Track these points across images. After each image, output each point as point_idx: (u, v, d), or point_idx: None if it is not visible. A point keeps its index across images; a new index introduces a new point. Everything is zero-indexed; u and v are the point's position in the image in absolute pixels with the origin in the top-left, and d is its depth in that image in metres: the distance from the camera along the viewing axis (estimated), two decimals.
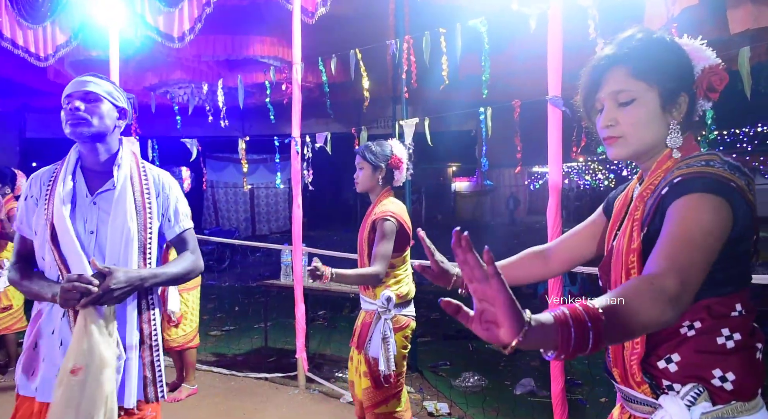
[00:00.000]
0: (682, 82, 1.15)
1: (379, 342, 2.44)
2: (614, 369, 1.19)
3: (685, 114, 1.17)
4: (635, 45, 1.16)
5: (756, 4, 3.79)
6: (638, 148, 1.18)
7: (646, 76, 1.14)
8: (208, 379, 4.42)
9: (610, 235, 1.28)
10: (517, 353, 0.92)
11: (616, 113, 1.17)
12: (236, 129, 10.97)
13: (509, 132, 3.23)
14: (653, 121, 1.15)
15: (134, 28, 4.77)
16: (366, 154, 2.59)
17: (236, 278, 9.40)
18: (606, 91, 1.18)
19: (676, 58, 1.16)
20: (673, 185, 1.07)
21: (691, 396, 1.06)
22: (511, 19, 3.15)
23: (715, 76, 1.14)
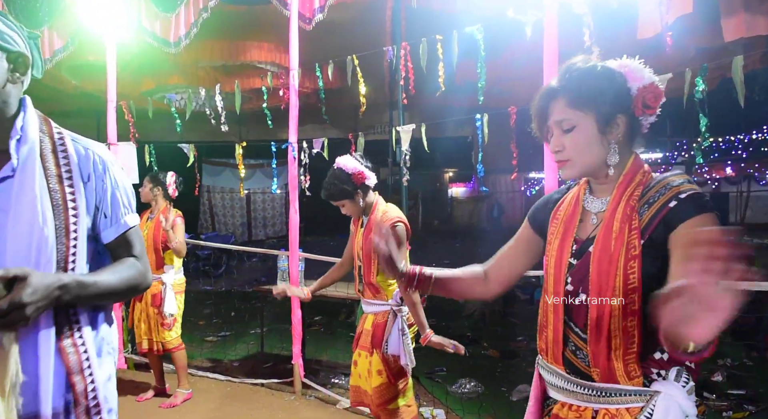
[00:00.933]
0: (617, 105, 1.26)
1: (399, 338, 2.54)
2: (594, 370, 1.24)
3: (626, 132, 1.28)
4: (571, 77, 1.29)
5: (749, 12, 3.82)
6: (584, 169, 1.31)
7: (582, 105, 1.26)
8: (204, 385, 4.41)
9: (566, 243, 1.34)
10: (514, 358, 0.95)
11: (561, 139, 1.30)
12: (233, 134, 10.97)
13: (505, 138, 3.25)
14: (593, 144, 1.27)
15: (131, 34, 4.78)
16: (334, 194, 2.60)
17: (232, 283, 9.38)
18: (552, 119, 1.31)
19: (608, 83, 1.26)
20: (681, 200, 1.17)
21: (684, 379, 1.19)
22: (507, 27, 3.17)
23: (648, 93, 1.25)
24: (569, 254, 1.32)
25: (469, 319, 6.49)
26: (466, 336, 5.73)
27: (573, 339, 1.29)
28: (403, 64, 3.60)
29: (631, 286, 1.18)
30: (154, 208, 4.07)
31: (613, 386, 1.22)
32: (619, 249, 1.20)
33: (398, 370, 2.59)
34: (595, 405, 1.25)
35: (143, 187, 4.08)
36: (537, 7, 2.89)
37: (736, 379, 4.34)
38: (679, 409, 1.16)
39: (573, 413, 1.29)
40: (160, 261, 3.98)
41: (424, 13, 5.07)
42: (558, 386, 1.33)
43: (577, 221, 1.35)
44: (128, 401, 4.05)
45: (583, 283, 1.27)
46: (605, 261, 1.22)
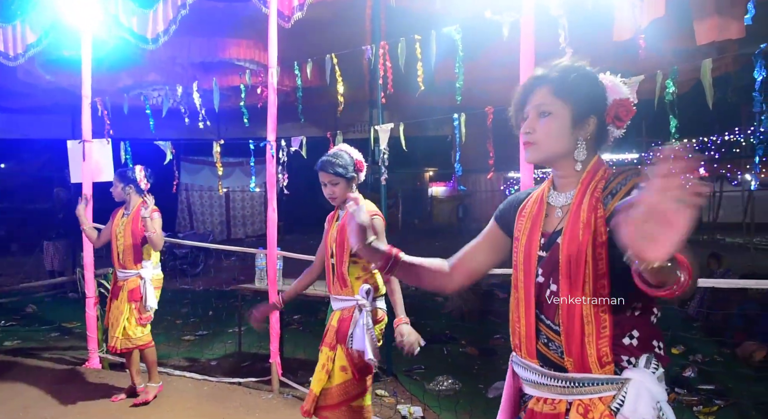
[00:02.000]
0: (593, 107, 1.35)
1: (363, 334, 2.49)
2: (568, 359, 1.27)
3: (593, 134, 1.36)
4: (561, 68, 1.36)
5: (721, 16, 3.91)
6: (547, 155, 1.37)
7: (563, 95, 1.33)
8: (181, 384, 4.37)
9: (533, 238, 1.39)
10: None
11: (534, 123, 1.36)
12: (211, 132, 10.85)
13: (485, 138, 3.28)
14: (563, 134, 1.34)
15: (108, 29, 4.71)
16: (337, 170, 2.60)
17: (210, 282, 9.30)
18: (531, 104, 1.38)
19: (591, 85, 1.36)
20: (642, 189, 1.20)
21: (654, 365, 1.24)
22: (486, 28, 3.19)
23: (622, 107, 1.34)
24: (537, 247, 1.37)
25: (448, 317, 6.53)
26: (445, 333, 5.77)
27: (545, 331, 1.33)
28: (382, 64, 3.61)
29: (601, 272, 1.23)
30: (128, 204, 4.03)
31: (586, 375, 1.25)
32: (587, 238, 1.25)
33: (363, 366, 2.55)
34: (569, 397, 1.28)
35: (114, 187, 4.04)
36: (514, 9, 2.92)
37: (706, 375, 4.44)
38: (649, 395, 1.20)
39: (548, 406, 1.32)
40: (139, 256, 3.94)
41: (403, 13, 5.09)
42: (532, 381, 1.35)
43: (542, 216, 1.40)
44: (103, 400, 4.00)
45: (553, 274, 1.31)
46: (574, 250, 1.27)
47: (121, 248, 3.97)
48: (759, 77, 2.31)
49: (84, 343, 4.94)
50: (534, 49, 2.86)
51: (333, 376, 2.58)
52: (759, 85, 2.31)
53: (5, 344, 5.62)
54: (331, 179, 2.62)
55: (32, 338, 5.87)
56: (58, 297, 8.03)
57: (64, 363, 4.89)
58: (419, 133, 11.42)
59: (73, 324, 6.28)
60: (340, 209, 2.74)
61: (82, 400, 4.00)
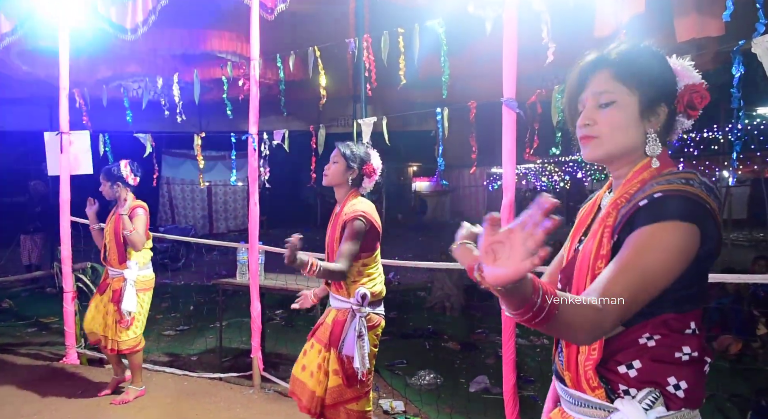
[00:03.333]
0: (663, 93, 1.18)
1: (354, 340, 2.45)
2: (566, 373, 1.21)
3: (663, 125, 1.19)
4: (622, 50, 1.19)
5: (701, 13, 3.95)
6: (612, 151, 1.19)
7: (629, 81, 1.16)
8: (161, 380, 4.33)
9: (574, 240, 1.30)
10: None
11: (595, 114, 1.19)
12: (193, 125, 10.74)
13: (468, 133, 3.28)
14: (630, 125, 1.17)
15: (86, 19, 4.62)
16: (345, 150, 2.59)
17: (192, 277, 9.20)
18: (589, 91, 1.20)
19: (660, 68, 1.19)
20: (653, 200, 1.08)
21: (648, 401, 1.10)
22: (469, 22, 3.19)
23: (696, 93, 1.17)
24: (571, 252, 1.29)
25: (430, 312, 6.55)
26: (427, 328, 5.78)
27: (562, 341, 1.27)
28: (366, 57, 3.59)
29: None
30: (119, 202, 3.91)
31: (581, 395, 1.18)
32: (591, 248, 1.16)
33: (352, 373, 2.49)
34: (573, 414, 1.22)
35: (102, 186, 3.92)
36: (497, 4, 2.92)
37: None
38: None
39: (561, 417, 1.27)
40: (123, 255, 3.83)
41: (388, 7, 5.07)
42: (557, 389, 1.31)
43: (590, 219, 1.29)
44: (82, 397, 3.94)
45: (569, 282, 1.23)
46: (584, 260, 1.17)
47: (109, 246, 3.89)
48: (737, 74, 2.34)
49: (62, 339, 4.86)
50: (517, 44, 2.86)
51: (329, 377, 2.54)
52: (737, 82, 2.33)
53: None
54: (335, 155, 2.62)
55: (8, 334, 5.76)
56: (35, 292, 7.90)
57: (41, 359, 4.81)
58: (403, 128, 11.43)
59: (51, 320, 6.18)
60: (339, 205, 2.67)
61: (60, 396, 3.93)
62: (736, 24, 2.61)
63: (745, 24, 2.84)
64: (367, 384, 2.55)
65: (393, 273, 8.67)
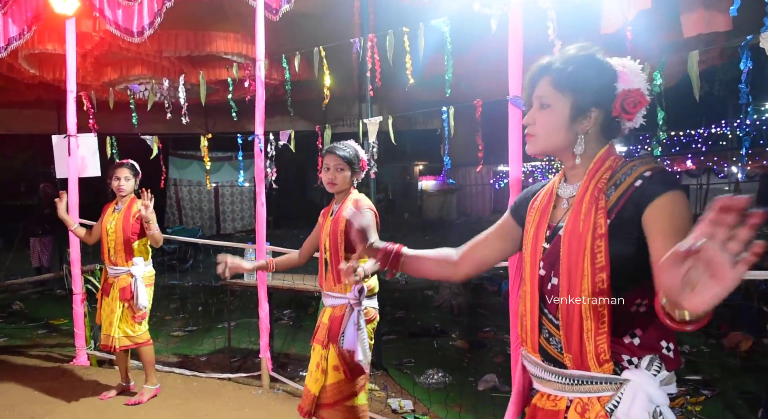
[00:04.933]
0: (596, 99, 1.29)
1: (354, 333, 2.47)
2: (566, 355, 1.24)
3: (596, 127, 1.31)
4: (564, 59, 1.31)
5: (708, 9, 3.92)
6: (545, 148, 1.35)
7: (562, 88, 1.29)
8: (170, 381, 4.35)
9: (540, 230, 1.37)
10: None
11: (536, 115, 1.35)
12: (199, 126, 10.79)
13: (474, 131, 3.27)
14: (560, 128, 1.31)
15: (92, 21, 4.65)
16: (344, 154, 2.63)
17: (199, 278, 9.24)
18: (534, 94, 1.36)
19: (596, 76, 1.29)
20: (647, 177, 1.20)
21: (656, 367, 1.18)
22: (475, 21, 3.18)
23: (629, 98, 1.27)
24: (543, 239, 1.35)
25: (438, 310, 6.55)
26: (435, 327, 5.78)
27: (547, 325, 1.31)
28: (370, 56, 3.59)
29: (599, 266, 1.19)
30: (119, 199, 3.95)
31: (585, 373, 1.22)
32: (587, 230, 1.22)
33: (355, 366, 2.51)
34: (569, 394, 1.26)
35: (126, 180, 3.89)
36: (502, 2, 2.91)
37: (693, 365, 4.49)
38: (646, 398, 1.15)
39: (550, 402, 1.30)
40: (130, 253, 3.85)
41: (392, 6, 5.06)
42: (536, 375, 1.34)
43: (550, 208, 1.38)
44: (92, 398, 3.97)
45: (554, 267, 1.29)
46: (574, 243, 1.24)
47: (111, 244, 3.89)
48: (745, 69, 2.32)
49: (71, 340, 4.89)
50: (522, 42, 2.85)
51: (327, 375, 2.56)
52: (745, 77, 2.32)
53: None
54: (337, 163, 2.63)
55: (19, 335, 5.81)
56: (45, 294, 7.96)
57: (51, 361, 4.85)
58: (409, 127, 11.41)
59: (61, 321, 6.23)
60: (336, 203, 2.72)
61: (70, 398, 3.96)
62: (743, 19, 2.59)
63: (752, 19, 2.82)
64: (365, 376, 2.60)
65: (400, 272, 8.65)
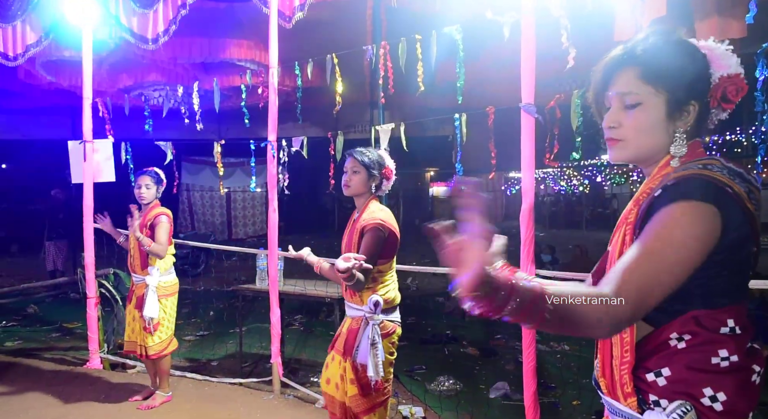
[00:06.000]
0: (694, 90, 1.11)
1: (368, 348, 2.39)
2: (601, 380, 1.17)
3: (694, 122, 1.13)
4: (649, 46, 1.13)
5: (723, 16, 3.90)
6: (637, 154, 1.16)
7: (656, 81, 1.11)
8: (182, 385, 4.37)
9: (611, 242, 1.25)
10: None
11: (620, 115, 1.15)
12: (212, 132, 10.87)
13: (486, 138, 3.27)
14: (656, 127, 1.12)
15: (108, 29, 4.71)
16: (362, 157, 2.56)
17: (211, 283, 9.29)
18: (614, 90, 1.16)
19: (691, 63, 1.11)
20: (666, 187, 1.04)
21: (677, 414, 1.00)
22: (487, 28, 3.19)
23: (732, 85, 1.11)
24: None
25: (449, 317, 6.53)
26: (446, 333, 5.76)
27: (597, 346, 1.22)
28: (382, 64, 3.60)
29: None
30: (143, 207, 3.96)
31: (614, 403, 1.13)
32: (615, 247, 1.13)
33: (367, 382, 2.43)
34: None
35: (147, 188, 3.88)
36: (515, 9, 2.92)
37: None
38: None
39: None
40: (145, 261, 3.85)
41: (404, 13, 5.08)
42: None
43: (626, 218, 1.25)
44: (105, 401, 4.00)
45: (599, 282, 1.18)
46: (612, 260, 1.14)
47: (133, 252, 3.92)
48: (761, 77, 2.30)
49: (85, 344, 4.94)
50: (535, 49, 2.85)
51: (345, 387, 2.51)
52: (761, 85, 2.30)
53: (6, 345, 5.62)
54: (353, 165, 2.58)
55: (33, 338, 5.87)
56: (59, 298, 8.04)
57: (65, 364, 4.89)
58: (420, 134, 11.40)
59: (74, 325, 6.28)
60: (357, 211, 2.64)
61: (84, 401, 3.99)
62: (758, 26, 2.57)
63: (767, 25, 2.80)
64: (383, 393, 2.49)
65: (411, 278, 8.66)
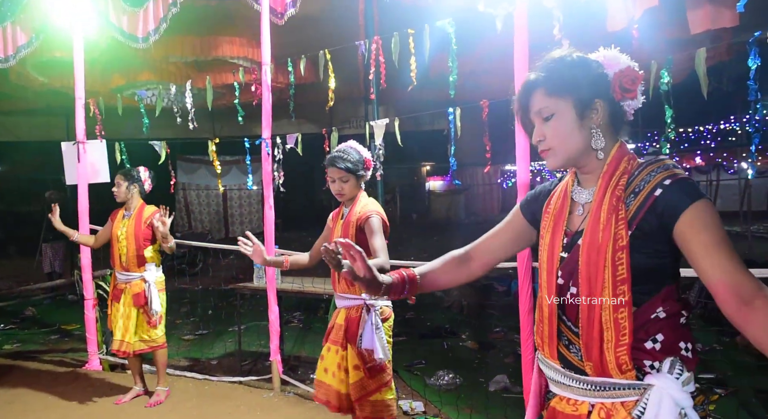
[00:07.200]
0: (595, 89, 1.27)
1: (372, 333, 2.50)
2: (587, 364, 1.24)
3: (608, 117, 1.28)
4: (547, 66, 1.30)
5: (714, 5, 3.89)
6: (567, 157, 1.30)
7: (559, 92, 1.27)
8: (182, 384, 4.37)
9: (556, 237, 1.35)
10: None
11: (542, 129, 1.31)
12: (207, 130, 10.83)
13: (481, 131, 3.27)
14: (573, 130, 1.28)
15: (98, 29, 4.68)
16: (348, 165, 2.59)
17: (209, 281, 9.27)
18: (532, 111, 1.33)
19: (584, 69, 1.28)
20: (668, 186, 1.17)
21: (678, 370, 1.18)
22: (480, 21, 3.18)
23: (625, 77, 1.26)
24: (560, 248, 1.33)
25: (448, 311, 6.54)
26: (444, 327, 5.77)
27: (566, 333, 1.30)
28: (374, 59, 3.59)
29: (620, 277, 1.18)
30: (129, 205, 3.98)
31: (607, 380, 1.22)
32: (606, 241, 1.20)
33: (374, 365, 2.57)
34: (590, 399, 1.25)
35: (118, 186, 3.96)
36: (507, 1, 2.91)
37: (706, 364, 4.45)
38: (672, 402, 1.15)
39: (570, 406, 1.29)
40: (142, 259, 3.90)
41: (396, 7, 5.06)
42: (555, 380, 1.33)
43: (566, 214, 1.35)
44: (105, 402, 4.00)
45: (573, 277, 1.27)
46: (594, 253, 1.22)
47: (123, 251, 3.92)
48: (753, 65, 2.30)
49: (84, 345, 4.93)
50: (528, 41, 2.85)
51: (349, 375, 2.61)
52: (754, 74, 2.30)
53: (5, 347, 5.61)
54: (341, 175, 2.60)
55: (32, 341, 5.86)
56: (57, 300, 8.02)
57: (64, 366, 4.89)
58: (415, 128, 11.41)
59: (73, 327, 6.27)
60: (345, 206, 2.72)
61: (84, 402, 3.99)
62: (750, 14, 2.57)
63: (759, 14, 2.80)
64: (388, 372, 2.63)
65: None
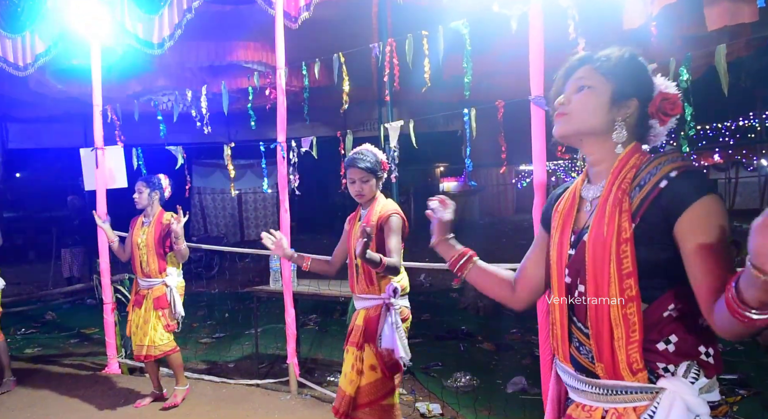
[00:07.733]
0: (638, 89, 1.26)
1: (393, 332, 2.51)
2: (599, 365, 1.20)
3: (633, 119, 1.27)
4: (607, 52, 1.29)
5: (732, 0, 3.84)
6: (579, 129, 1.28)
7: (607, 72, 1.26)
8: (199, 387, 4.39)
9: (564, 235, 1.33)
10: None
11: (572, 95, 1.30)
12: (222, 135, 10.91)
13: (495, 131, 3.25)
14: (599, 109, 1.26)
15: (115, 36, 4.74)
16: (368, 165, 2.61)
17: (225, 285, 9.34)
18: (573, 78, 1.32)
19: (640, 70, 1.28)
20: (673, 179, 1.14)
21: (693, 374, 1.14)
22: (494, 20, 3.16)
23: (667, 101, 1.26)
24: (568, 245, 1.30)
25: (464, 313, 6.51)
26: (461, 329, 5.74)
27: (577, 334, 1.27)
28: (388, 61, 3.59)
29: (626, 271, 1.15)
30: (148, 212, 4.01)
31: (618, 383, 1.18)
32: (611, 234, 1.18)
33: (392, 364, 2.58)
34: (603, 405, 1.22)
35: (139, 193, 3.98)
36: (522, 1, 2.89)
37: (728, 364, 4.37)
38: (683, 407, 1.11)
39: (585, 413, 1.26)
40: (163, 264, 3.94)
41: (410, 9, 5.06)
42: (570, 385, 1.31)
43: (574, 211, 1.33)
44: (124, 406, 4.03)
45: (580, 274, 1.25)
46: (599, 248, 1.19)
47: (144, 258, 3.96)
48: None
49: (103, 349, 4.98)
50: (543, 41, 2.82)
51: (363, 376, 2.60)
52: None
53: (26, 352, 5.69)
54: (362, 176, 2.62)
55: (52, 345, 5.94)
56: (76, 304, 8.12)
57: (84, 370, 4.94)
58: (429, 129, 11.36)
59: (92, 331, 6.35)
60: (363, 208, 2.73)
61: (103, 406, 4.03)
62: None
63: None
64: (400, 375, 2.65)
65: (424, 275, 8.64)
